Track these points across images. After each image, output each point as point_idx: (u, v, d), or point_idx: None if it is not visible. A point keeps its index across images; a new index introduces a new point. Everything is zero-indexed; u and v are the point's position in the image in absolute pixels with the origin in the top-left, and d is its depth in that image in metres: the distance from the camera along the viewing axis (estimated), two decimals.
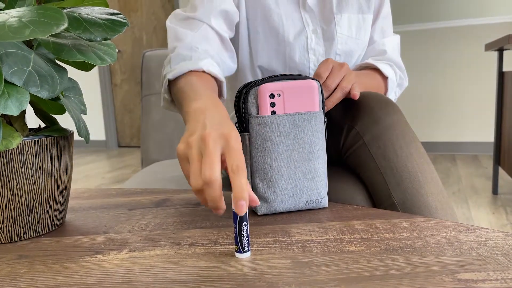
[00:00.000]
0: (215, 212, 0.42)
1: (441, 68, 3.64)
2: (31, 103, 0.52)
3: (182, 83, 0.65)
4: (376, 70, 0.88)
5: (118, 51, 4.60)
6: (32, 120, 4.27)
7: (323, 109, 0.57)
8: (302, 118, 0.55)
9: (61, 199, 0.53)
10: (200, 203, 0.62)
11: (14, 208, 0.48)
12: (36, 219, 0.50)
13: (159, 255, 0.44)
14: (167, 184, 1.01)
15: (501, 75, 2.37)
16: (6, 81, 0.43)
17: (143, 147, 1.50)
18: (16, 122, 0.50)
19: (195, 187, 0.41)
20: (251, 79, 0.89)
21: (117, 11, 0.52)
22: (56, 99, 0.49)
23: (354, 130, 0.69)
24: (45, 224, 0.52)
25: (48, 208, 0.51)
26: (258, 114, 0.54)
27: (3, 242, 0.49)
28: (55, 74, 0.47)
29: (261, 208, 0.55)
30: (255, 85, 0.54)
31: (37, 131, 0.54)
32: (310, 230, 0.49)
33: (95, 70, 4.75)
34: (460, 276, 0.36)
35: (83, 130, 0.52)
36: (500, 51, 2.33)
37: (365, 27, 0.89)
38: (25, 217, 0.49)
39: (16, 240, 0.50)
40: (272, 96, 0.53)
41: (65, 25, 0.40)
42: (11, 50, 0.44)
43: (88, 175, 3.40)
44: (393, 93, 0.91)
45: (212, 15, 0.78)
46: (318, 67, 0.70)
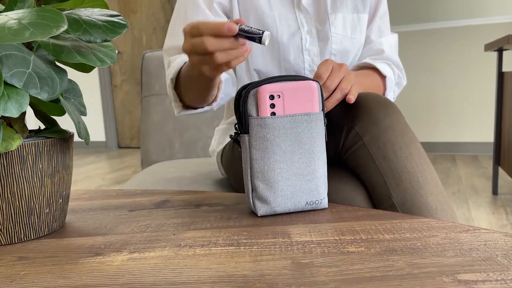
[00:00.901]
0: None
1: (441, 68, 3.64)
2: (31, 104, 0.52)
3: (182, 70, 0.68)
4: (375, 69, 0.88)
5: (118, 52, 4.61)
6: (32, 122, 4.26)
7: (323, 110, 0.57)
8: (302, 119, 0.55)
9: (61, 200, 0.53)
10: (200, 204, 0.62)
11: (14, 209, 0.48)
12: (36, 221, 0.50)
13: (159, 257, 0.44)
14: (167, 185, 1.01)
15: (500, 75, 2.37)
16: (6, 83, 0.43)
17: (143, 148, 1.50)
18: (16, 123, 0.50)
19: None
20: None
21: (117, 13, 0.52)
22: (56, 100, 0.49)
23: (353, 131, 0.69)
24: (45, 226, 0.52)
25: (48, 209, 0.51)
26: (258, 115, 0.54)
27: (3, 243, 0.49)
28: (55, 76, 0.47)
29: (261, 209, 0.55)
30: (255, 86, 0.54)
31: (37, 132, 0.54)
32: (310, 231, 0.49)
33: (95, 71, 4.75)
34: (460, 277, 0.36)
35: (83, 131, 0.52)
36: (500, 51, 2.33)
37: (360, 26, 0.89)
38: (25, 219, 0.49)
39: (16, 241, 0.50)
40: (271, 97, 0.53)
41: (65, 27, 0.40)
42: (11, 52, 0.44)
43: (88, 176, 3.40)
44: (392, 92, 0.92)
45: None
46: (318, 68, 0.70)
